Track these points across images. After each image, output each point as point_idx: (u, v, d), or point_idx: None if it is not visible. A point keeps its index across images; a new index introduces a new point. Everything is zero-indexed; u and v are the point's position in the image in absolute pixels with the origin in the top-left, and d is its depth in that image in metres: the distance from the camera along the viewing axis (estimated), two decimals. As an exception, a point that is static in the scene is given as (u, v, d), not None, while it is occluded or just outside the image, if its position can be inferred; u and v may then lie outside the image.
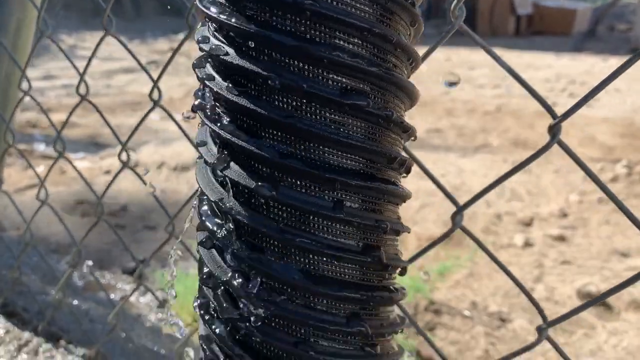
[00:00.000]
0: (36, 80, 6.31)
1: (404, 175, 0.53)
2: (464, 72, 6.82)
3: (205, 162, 0.49)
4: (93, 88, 6.71)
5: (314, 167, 0.43)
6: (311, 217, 0.44)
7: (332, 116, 0.43)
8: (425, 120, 4.32)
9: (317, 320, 0.45)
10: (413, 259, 0.72)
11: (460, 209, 0.70)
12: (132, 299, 1.76)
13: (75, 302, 1.59)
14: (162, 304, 1.77)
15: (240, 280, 0.47)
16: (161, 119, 4.52)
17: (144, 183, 1.07)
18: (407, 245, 2.30)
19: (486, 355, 1.63)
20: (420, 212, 2.55)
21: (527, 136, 3.85)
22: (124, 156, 1.04)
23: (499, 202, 2.72)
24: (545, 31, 10.75)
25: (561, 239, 2.35)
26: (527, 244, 2.32)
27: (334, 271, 0.45)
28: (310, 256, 0.45)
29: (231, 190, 0.47)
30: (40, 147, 3.58)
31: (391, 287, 0.50)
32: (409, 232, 0.52)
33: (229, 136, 0.45)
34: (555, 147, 0.69)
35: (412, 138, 0.53)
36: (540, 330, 0.68)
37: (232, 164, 0.46)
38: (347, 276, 0.46)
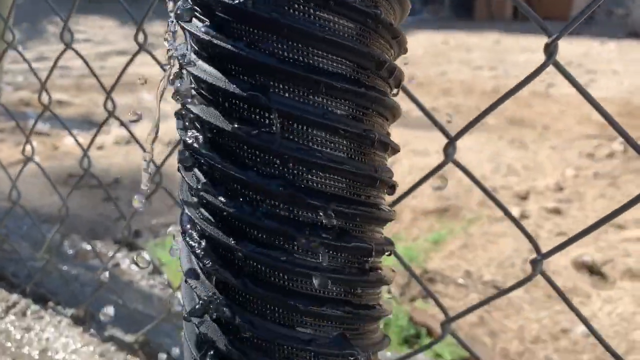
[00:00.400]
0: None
1: (395, 92, 0.51)
2: (461, 54, 6.77)
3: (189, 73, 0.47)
4: (87, 69, 6.66)
5: (299, 68, 0.41)
6: (296, 125, 0.42)
7: (318, 13, 0.41)
8: (422, 100, 4.29)
9: (302, 233, 0.44)
10: (409, 191, 0.71)
11: (452, 140, 0.68)
12: (124, 266, 1.75)
13: (65, 267, 1.57)
14: (155, 271, 1.75)
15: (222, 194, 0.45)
16: (155, 98, 4.48)
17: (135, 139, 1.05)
18: (402, 218, 2.28)
19: (480, 322, 1.62)
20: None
21: (524, 115, 3.83)
22: (109, 105, 1.02)
23: (495, 176, 2.71)
24: (543, 15, 10.66)
25: (556, 211, 2.34)
26: (523, 216, 2.31)
27: (319, 182, 0.43)
28: (294, 165, 0.43)
29: (210, 99, 0.45)
30: (32, 123, 3.55)
31: (380, 205, 0.49)
32: (398, 151, 0.50)
33: (208, 38, 0.43)
34: (553, 126, 0.68)
35: (403, 50, 0.51)
36: (534, 262, 0.67)
37: (210, 68, 0.44)
38: (333, 188, 0.44)
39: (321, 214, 0.44)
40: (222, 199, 0.45)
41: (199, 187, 0.47)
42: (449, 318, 0.77)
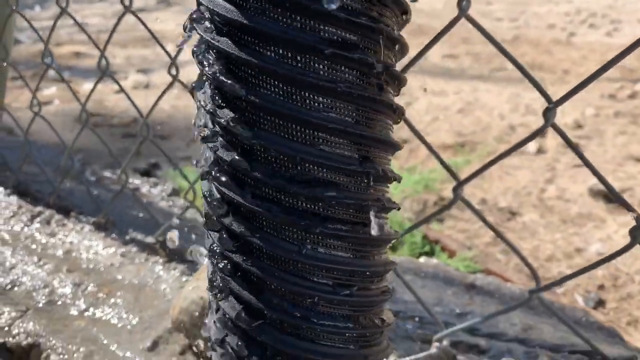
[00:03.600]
0: (47, 20, 6.27)
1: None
2: (480, 7, 6.63)
3: None
4: (104, 26, 6.64)
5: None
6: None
7: None
8: (441, 48, 4.23)
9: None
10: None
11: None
12: (144, 190, 1.78)
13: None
14: (174, 193, 1.79)
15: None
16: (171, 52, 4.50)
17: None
18: (418, 154, 2.29)
19: (494, 242, 1.63)
20: (433, 124, 2.52)
21: (544, 60, 3.76)
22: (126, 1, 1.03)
23: (513, 115, 2.68)
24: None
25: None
26: (540, 151, 2.29)
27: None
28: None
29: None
30: (52, 72, 3.60)
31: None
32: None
33: None
34: (573, 70, 0.68)
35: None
36: (547, 111, 0.67)
37: None
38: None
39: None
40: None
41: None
42: (460, 182, 0.78)
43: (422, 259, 1.29)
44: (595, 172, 0.67)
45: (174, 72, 1.03)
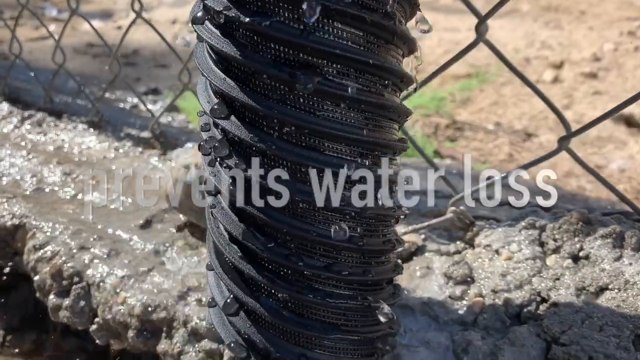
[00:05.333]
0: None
1: None
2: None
3: None
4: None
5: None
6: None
7: None
8: (451, -7, 4.09)
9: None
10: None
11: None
12: (141, 106, 1.71)
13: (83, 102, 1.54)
14: (173, 109, 1.71)
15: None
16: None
17: None
18: (429, 83, 2.19)
19: (510, 158, 1.55)
20: (444, 57, 2.41)
21: (560, 2, 3.62)
22: None
23: (529, 50, 2.57)
24: None
25: (593, 76, 2.22)
26: (557, 80, 2.19)
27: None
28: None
29: None
30: (52, 13, 3.51)
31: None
32: None
33: None
34: (590, 11, 0.60)
35: None
36: None
37: None
38: None
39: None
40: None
41: None
42: (482, 18, 0.71)
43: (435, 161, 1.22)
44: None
45: None
